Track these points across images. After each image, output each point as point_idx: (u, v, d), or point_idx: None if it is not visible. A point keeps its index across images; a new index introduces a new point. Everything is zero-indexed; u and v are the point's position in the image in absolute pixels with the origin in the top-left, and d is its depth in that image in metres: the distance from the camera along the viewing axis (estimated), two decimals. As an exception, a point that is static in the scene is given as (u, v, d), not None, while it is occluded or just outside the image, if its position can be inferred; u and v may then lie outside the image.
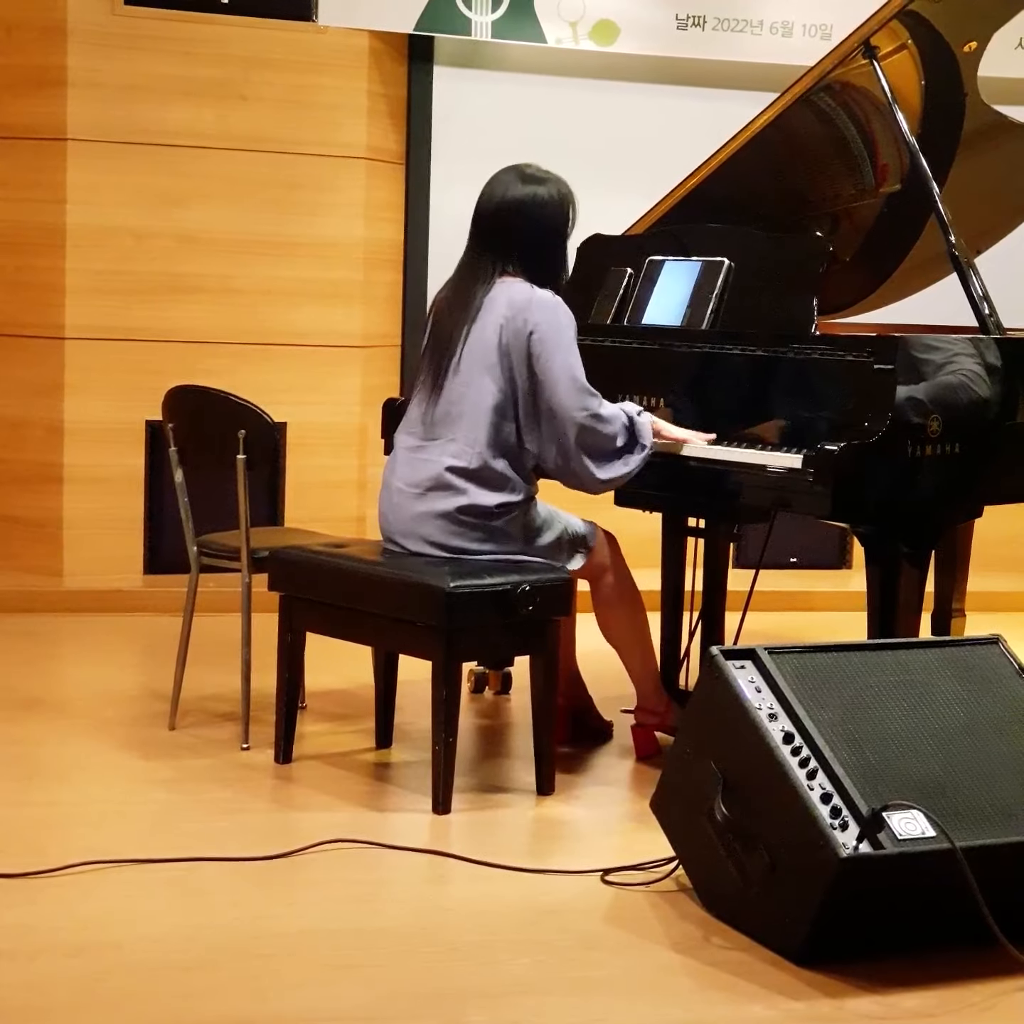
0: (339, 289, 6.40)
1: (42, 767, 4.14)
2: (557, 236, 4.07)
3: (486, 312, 3.98)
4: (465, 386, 3.98)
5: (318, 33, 6.27)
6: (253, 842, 3.54)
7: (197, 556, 4.45)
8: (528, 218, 4.01)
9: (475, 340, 3.98)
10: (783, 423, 3.97)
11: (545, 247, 4.04)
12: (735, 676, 3.13)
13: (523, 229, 4.01)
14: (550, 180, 4.06)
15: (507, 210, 4.02)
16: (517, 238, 4.01)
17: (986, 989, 2.90)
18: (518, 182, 4.04)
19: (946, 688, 3.22)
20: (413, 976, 2.92)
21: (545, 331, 3.93)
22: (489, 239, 4.04)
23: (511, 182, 4.05)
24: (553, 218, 4.04)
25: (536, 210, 4.02)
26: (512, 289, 3.99)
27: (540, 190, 4.03)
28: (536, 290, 3.98)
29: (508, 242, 4.01)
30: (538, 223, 4.02)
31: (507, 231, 4.02)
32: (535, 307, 3.94)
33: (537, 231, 4.02)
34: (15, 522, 6.23)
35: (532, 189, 4.03)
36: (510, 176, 4.06)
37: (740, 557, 5.71)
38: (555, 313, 3.96)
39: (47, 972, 2.87)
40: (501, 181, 4.06)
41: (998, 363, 3.97)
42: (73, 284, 6.12)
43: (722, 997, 2.87)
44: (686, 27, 6.54)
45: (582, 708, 4.50)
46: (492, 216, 4.04)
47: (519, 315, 3.94)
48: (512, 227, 4.01)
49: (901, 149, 4.47)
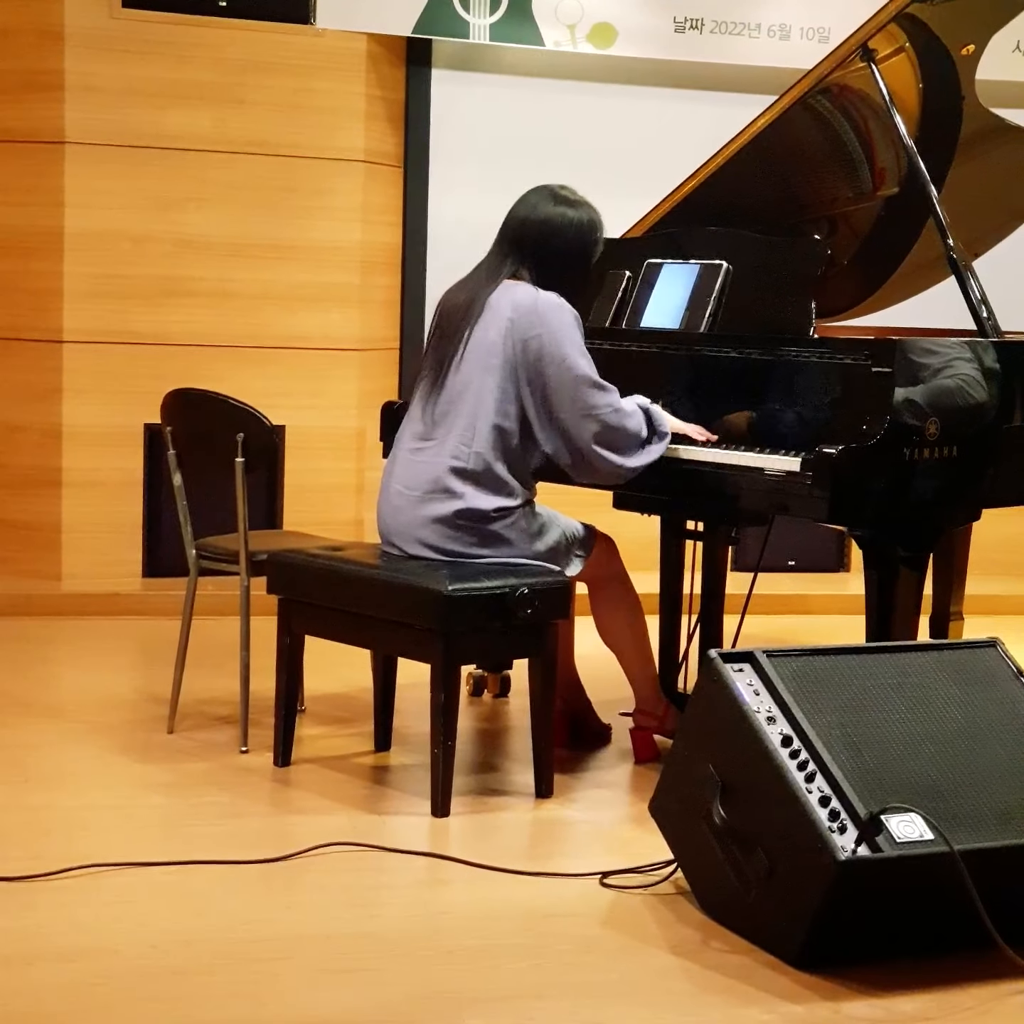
0: (337, 293, 6.40)
1: (40, 771, 4.13)
2: (580, 260, 4.07)
3: (489, 312, 3.98)
4: (465, 385, 3.98)
5: (316, 36, 6.27)
6: (251, 846, 3.54)
7: (196, 559, 4.45)
8: (553, 237, 4.02)
9: (477, 340, 3.98)
10: (781, 426, 3.97)
11: (566, 268, 4.04)
12: (733, 679, 3.13)
13: (546, 247, 4.02)
14: (582, 205, 4.07)
15: (535, 224, 4.03)
16: (540, 254, 4.02)
17: (984, 992, 2.90)
18: (551, 201, 4.05)
19: (944, 691, 3.22)
20: (411, 980, 2.91)
21: (554, 332, 3.93)
22: (511, 247, 4.05)
23: (542, 200, 4.05)
24: (578, 242, 4.04)
25: (562, 231, 4.02)
26: (516, 291, 3.99)
27: (570, 212, 4.04)
28: (540, 292, 3.98)
29: (530, 255, 4.02)
30: (562, 244, 4.02)
31: (531, 245, 4.02)
32: (541, 308, 3.94)
33: (557, 251, 4.02)
34: (13, 526, 6.23)
35: (563, 210, 4.03)
36: (543, 194, 4.07)
37: (738, 560, 5.70)
38: (561, 313, 3.96)
39: (43, 977, 2.87)
40: (533, 196, 4.08)
41: (996, 366, 3.97)
42: (71, 288, 6.12)
43: (720, 1000, 2.86)
44: (684, 30, 6.54)
45: (581, 711, 4.50)
46: (517, 229, 4.05)
47: (524, 317, 3.94)
48: (536, 243, 4.02)
49: (899, 152, 4.47)
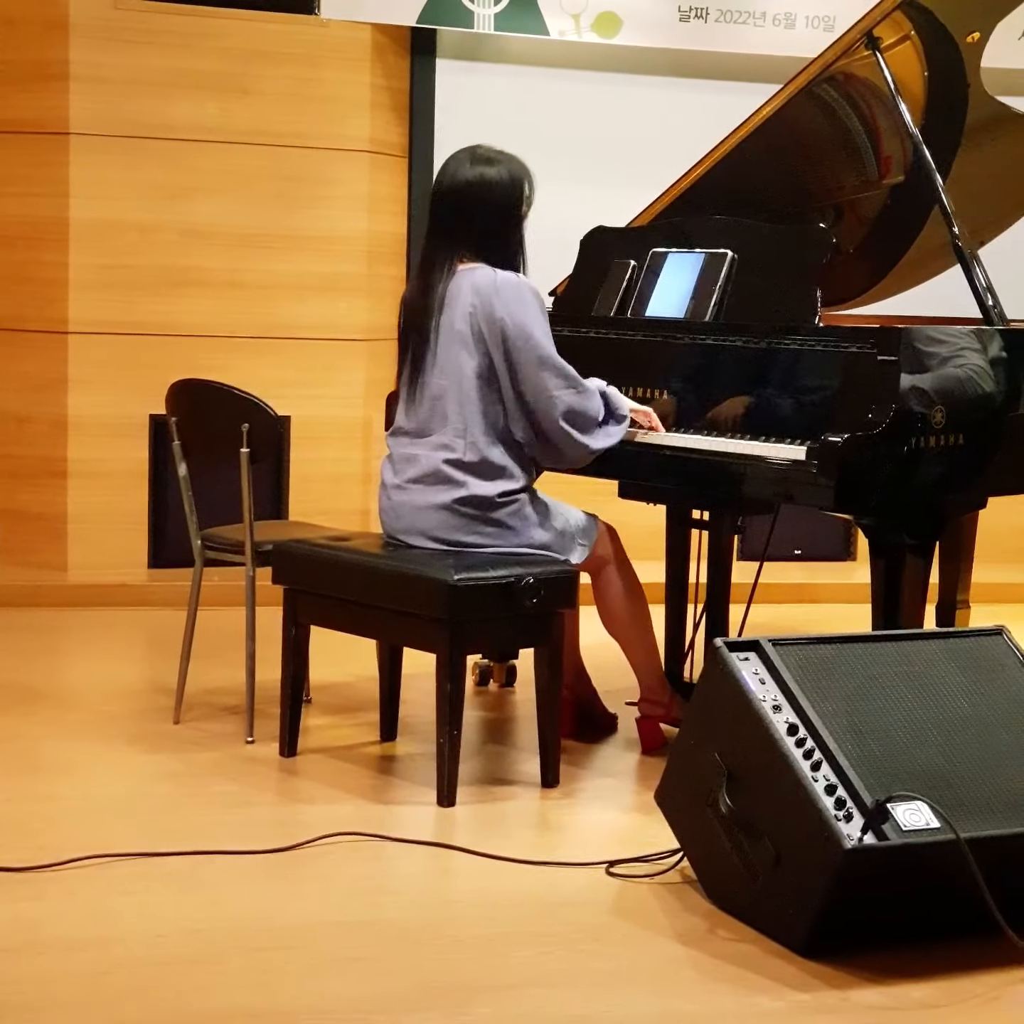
0: (342, 282, 6.40)
1: (46, 761, 4.14)
2: (509, 217, 3.97)
3: (452, 301, 3.94)
4: (445, 379, 3.94)
5: (321, 26, 6.27)
6: (258, 835, 3.55)
7: (201, 550, 4.45)
8: (477, 200, 3.94)
9: (446, 331, 3.94)
10: (786, 415, 3.97)
11: (498, 229, 3.96)
12: (739, 668, 3.13)
13: (473, 211, 3.94)
14: (501, 160, 3.98)
15: (456, 192, 3.95)
16: (468, 221, 3.94)
17: (991, 980, 2.90)
18: (467, 163, 3.97)
19: (950, 679, 3.22)
20: (419, 969, 2.92)
21: (515, 312, 3.88)
22: (443, 224, 3.98)
23: (460, 164, 3.98)
24: (503, 199, 3.95)
25: (485, 192, 3.94)
26: (475, 275, 3.94)
27: (489, 171, 3.95)
28: (499, 273, 3.92)
29: (461, 226, 3.95)
30: (488, 205, 3.94)
31: (458, 214, 3.95)
32: (500, 290, 3.89)
33: (487, 213, 3.94)
34: (19, 517, 6.23)
35: (480, 170, 3.95)
36: (460, 158, 3.99)
37: (744, 549, 5.69)
38: (519, 293, 3.90)
39: (51, 967, 2.87)
40: (451, 164, 4.00)
41: (1002, 354, 3.96)
42: (77, 278, 6.11)
43: (728, 989, 2.86)
44: (689, 19, 6.53)
45: (587, 700, 4.50)
46: (442, 200, 3.98)
47: (486, 300, 3.89)
48: (462, 210, 3.95)
49: (904, 140, 4.46)
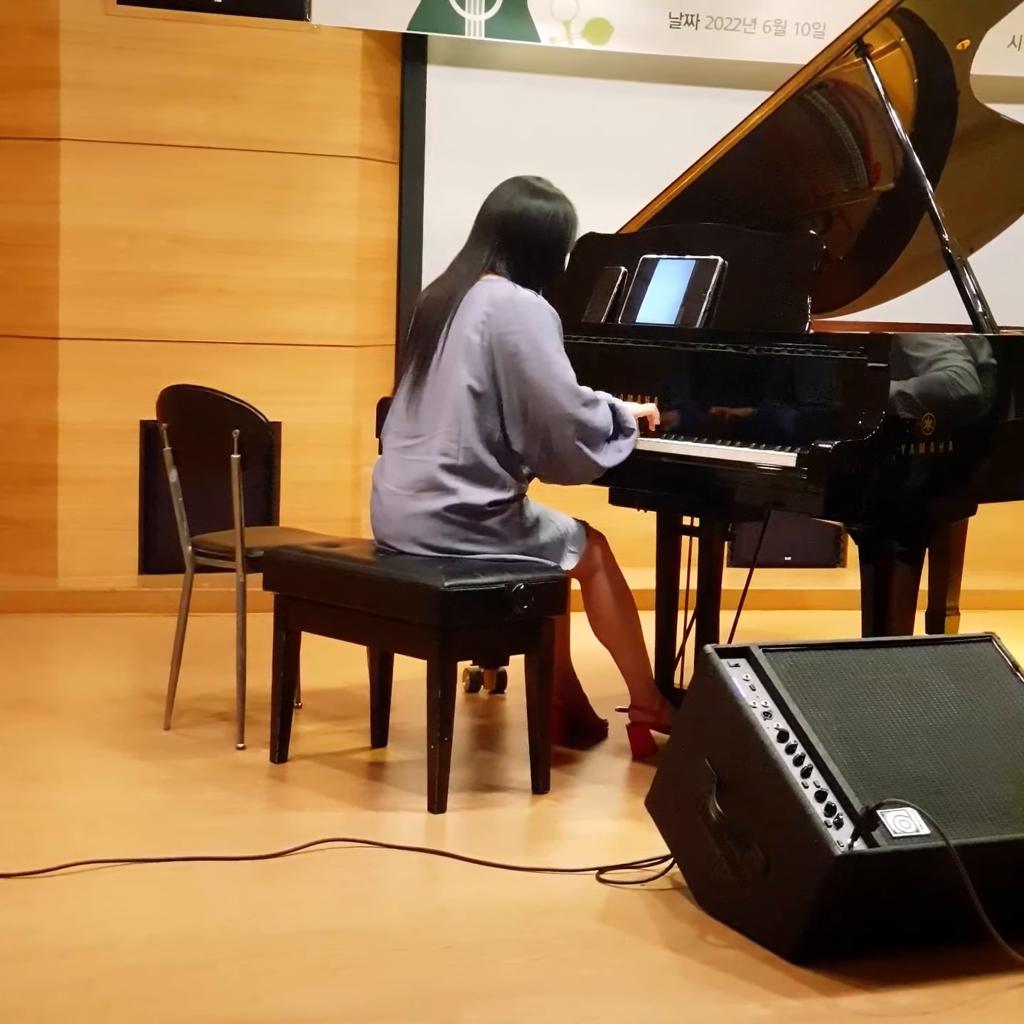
0: (333, 289, 6.40)
1: (36, 768, 4.13)
2: (554, 254, 4.07)
3: (466, 308, 3.98)
4: (446, 381, 3.97)
5: (311, 33, 6.27)
6: (248, 842, 3.54)
7: (192, 556, 4.45)
8: (527, 230, 4.01)
9: (455, 335, 3.97)
10: (777, 421, 3.97)
11: (539, 263, 4.04)
12: (729, 674, 3.13)
13: (519, 240, 4.01)
14: (558, 197, 4.07)
15: (507, 216, 4.03)
16: (510, 246, 4.02)
17: (980, 987, 2.90)
18: (526, 193, 4.04)
19: (940, 686, 3.23)
20: (408, 976, 2.91)
21: (532, 330, 3.92)
22: (484, 241, 4.05)
23: (519, 191, 4.05)
24: (552, 236, 4.04)
25: (537, 225, 4.01)
26: (493, 287, 3.98)
27: (547, 206, 4.03)
28: (519, 289, 3.97)
29: (502, 248, 4.02)
30: (536, 238, 4.02)
31: (504, 237, 4.02)
32: (518, 306, 3.94)
33: (532, 245, 4.02)
34: (9, 523, 6.23)
35: (539, 203, 4.03)
36: (518, 185, 4.07)
37: (734, 556, 5.70)
38: (539, 311, 3.95)
39: (40, 974, 2.86)
40: (507, 188, 4.07)
41: (991, 361, 3.97)
42: (66, 285, 6.11)
43: (717, 995, 2.86)
44: (679, 26, 6.54)
45: (577, 707, 4.50)
46: (491, 220, 4.05)
47: (501, 313, 3.93)
48: (510, 235, 4.02)
49: (894, 147, 4.47)
